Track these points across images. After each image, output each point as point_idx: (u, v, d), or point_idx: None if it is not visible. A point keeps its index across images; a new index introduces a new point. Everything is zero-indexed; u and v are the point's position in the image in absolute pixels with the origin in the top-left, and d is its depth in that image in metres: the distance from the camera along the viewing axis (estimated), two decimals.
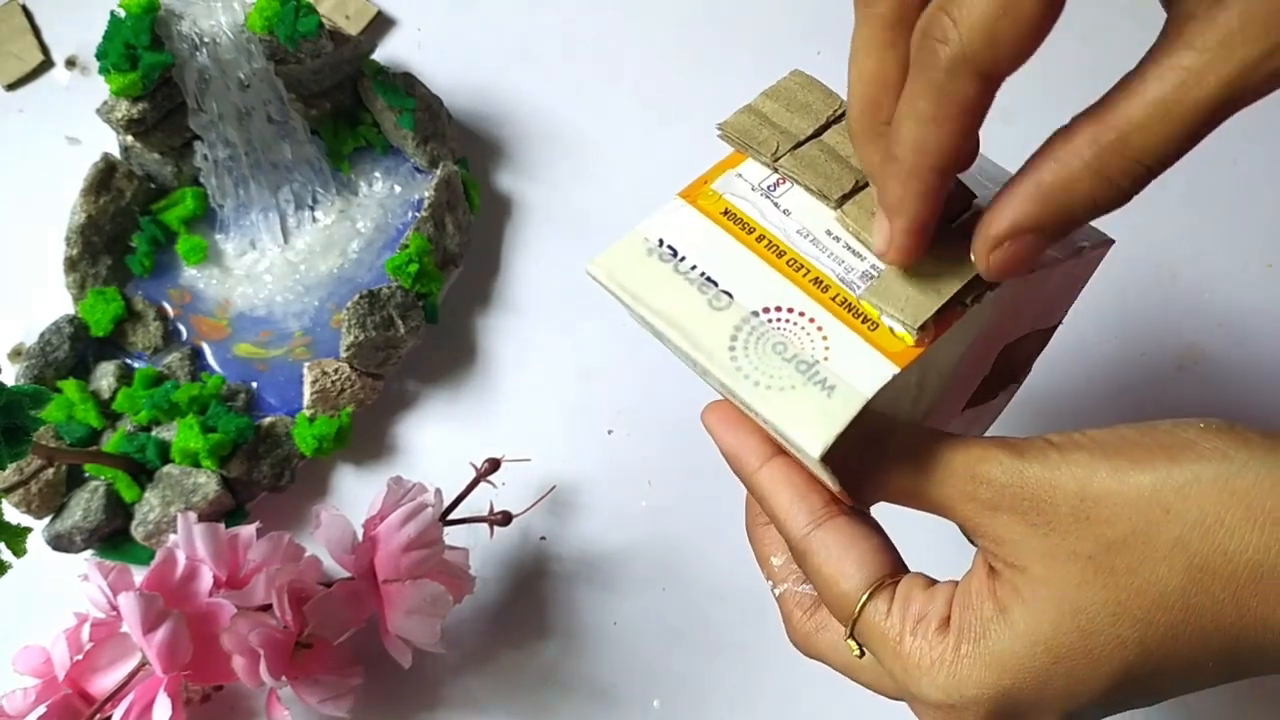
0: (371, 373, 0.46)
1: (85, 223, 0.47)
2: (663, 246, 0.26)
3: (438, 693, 0.42)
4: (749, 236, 0.26)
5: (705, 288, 0.25)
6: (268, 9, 0.44)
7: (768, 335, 0.24)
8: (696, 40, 0.54)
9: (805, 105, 0.27)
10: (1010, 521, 0.23)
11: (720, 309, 0.25)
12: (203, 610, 0.38)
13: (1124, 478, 0.22)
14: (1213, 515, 0.21)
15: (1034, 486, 0.23)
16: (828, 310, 0.25)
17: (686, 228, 0.26)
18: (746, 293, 0.25)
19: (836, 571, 0.26)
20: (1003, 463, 0.23)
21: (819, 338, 0.24)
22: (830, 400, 0.23)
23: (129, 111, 0.45)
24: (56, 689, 0.38)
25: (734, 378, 0.24)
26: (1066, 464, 0.23)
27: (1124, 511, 0.22)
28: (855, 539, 0.26)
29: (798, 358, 0.24)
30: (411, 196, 0.50)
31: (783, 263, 0.25)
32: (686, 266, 0.26)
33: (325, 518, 0.38)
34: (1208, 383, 0.46)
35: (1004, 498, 0.23)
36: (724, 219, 0.26)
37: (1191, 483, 0.21)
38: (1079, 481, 0.22)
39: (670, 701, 0.42)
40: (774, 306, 0.25)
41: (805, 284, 0.25)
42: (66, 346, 0.46)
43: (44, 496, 0.43)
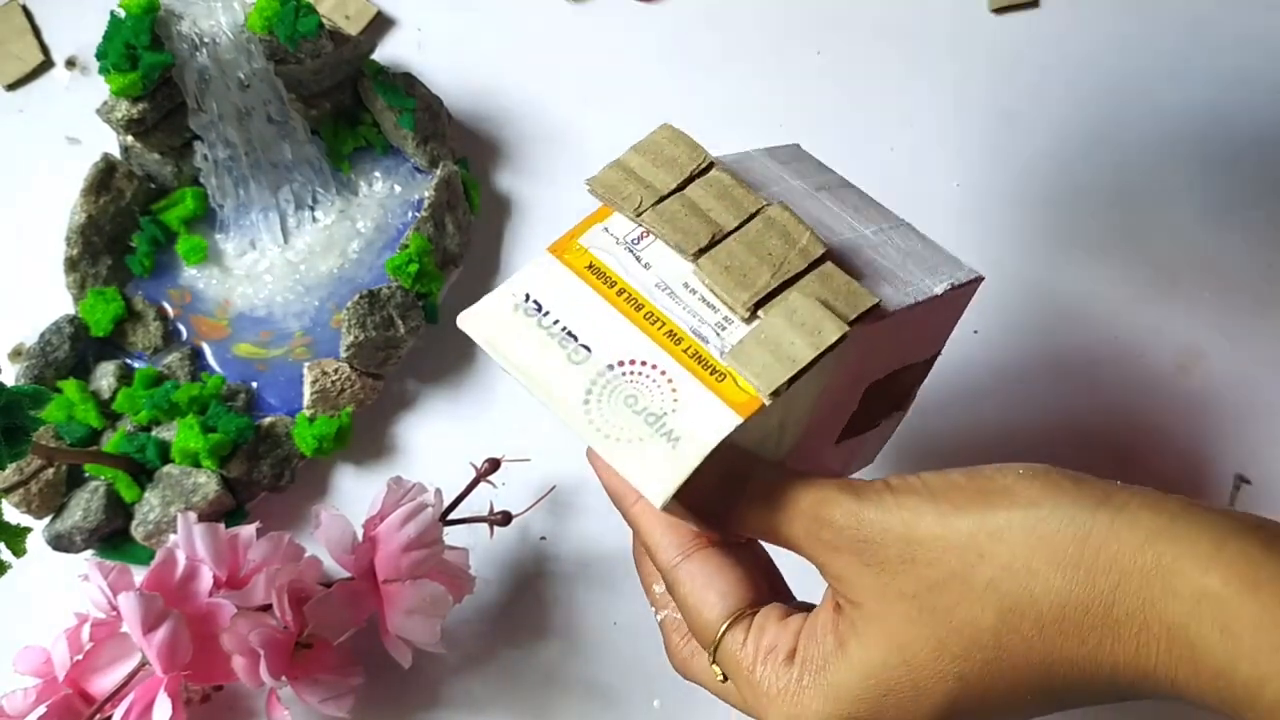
0: (371, 373, 0.46)
1: (85, 223, 0.47)
2: (528, 301, 0.27)
3: (438, 693, 0.42)
4: (610, 290, 0.27)
5: (565, 342, 0.26)
6: (268, 9, 0.44)
7: (620, 389, 0.26)
8: (696, 40, 0.54)
9: (671, 159, 0.28)
10: (848, 561, 0.25)
11: (578, 363, 0.26)
12: (203, 610, 0.38)
13: (946, 521, 0.24)
14: (1021, 560, 0.23)
15: (868, 529, 0.25)
16: (678, 362, 0.26)
17: (553, 282, 0.27)
18: (603, 346, 0.26)
19: (700, 602, 0.28)
20: (843, 505, 0.25)
21: (669, 390, 0.25)
22: (674, 452, 0.25)
23: (129, 111, 0.45)
24: (57, 689, 0.38)
25: (587, 431, 0.25)
26: (898, 508, 0.24)
27: (944, 555, 0.24)
28: (720, 570, 0.28)
29: (647, 410, 0.25)
30: (411, 196, 0.50)
31: (640, 316, 0.27)
32: (549, 321, 0.27)
33: (325, 518, 0.38)
34: (1207, 383, 0.46)
35: (843, 539, 0.25)
36: (588, 273, 0.27)
37: (1004, 528, 0.23)
38: (906, 524, 0.24)
39: (670, 702, 0.42)
40: (629, 359, 0.26)
41: (659, 336, 0.26)
42: (66, 346, 0.46)
43: (44, 496, 0.43)
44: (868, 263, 0.28)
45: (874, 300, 0.26)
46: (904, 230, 0.31)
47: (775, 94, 0.52)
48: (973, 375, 0.46)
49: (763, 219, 0.27)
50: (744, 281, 0.26)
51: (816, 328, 0.25)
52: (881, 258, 0.29)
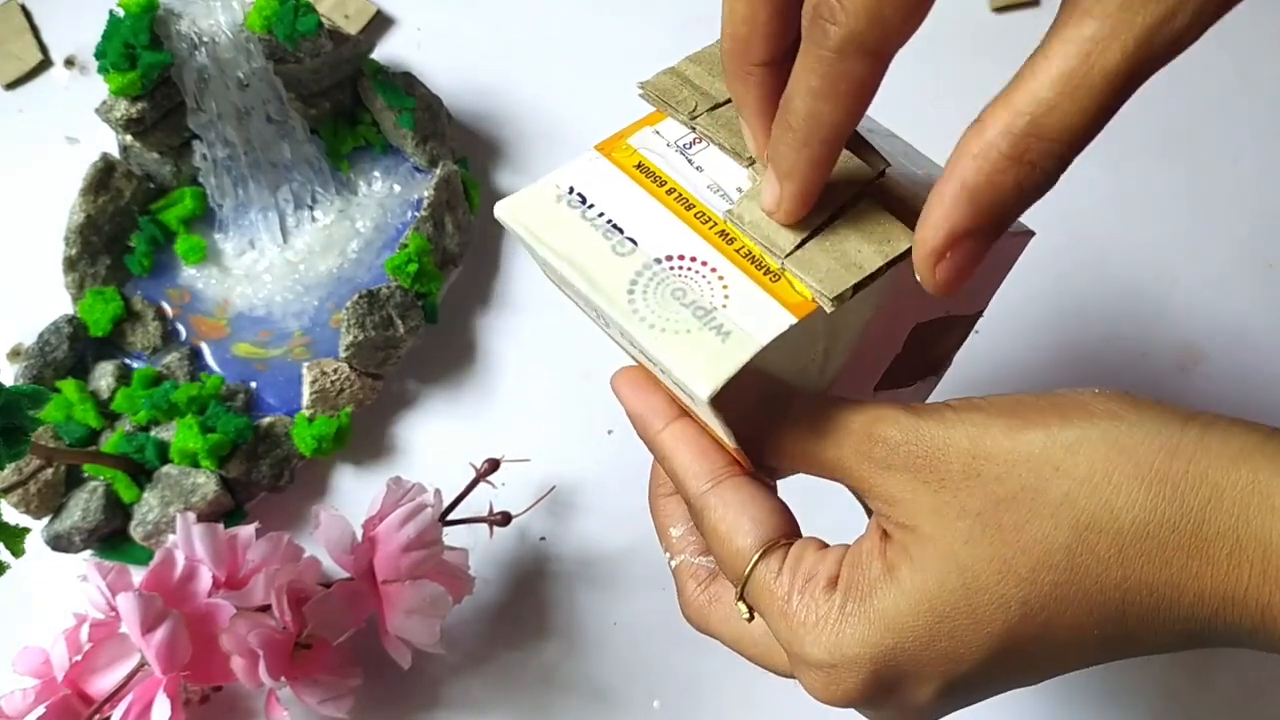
0: (371, 373, 0.46)
1: (84, 222, 0.47)
2: (572, 194, 0.26)
3: (437, 693, 0.42)
4: (659, 189, 0.26)
5: (610, 234, 0.25)
6: (267, 8, 0.44)
7: (668, 281, 0.24)
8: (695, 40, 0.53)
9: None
10: (903, 480, 0.23)
11: (623, 255, 0.25)
12: (202, 611, 0.38)
13: (1016, 436, 0.22)
14: (1101, 472, 0.21)
15: (928, 443, 0.23)
16: (730, 261, 0.24)
17: (598, 178, 0.26)
18: (651, 241, 0.25)
19: (732, 528, 0.25)
20: (899, 422, 0.23)
21: (719, 286, 0.24)
22: (724, 345, 0.23)
23: (128, 111, 0.45)
24: (55, 690, 0.38)
25: (630, 320, 0.24)
26: (961, 423, 0.23)
27: (1014, 468, 0.22)
28: (753, 498, 0.26)
29: (696, 304, 0.24)
30: (411, 196, 0.50)
31: (690, 215, 0.25)
32: (594, 214, 0.26)
33: (324, 518, 0.38)
34: (1209, 383, 0.46)
35: (898, 455, 0.23)
36: (637, 172, 0.26)
37: (1081, 440, 0.21)
38: (972, 439, 0.22)
39: (670, 702, 0.42)
40: (677, 255, 0.25)
41: (710, 235, 0.25)
42: (65, 346, 0.46)
43: (43, 497, 0.43)
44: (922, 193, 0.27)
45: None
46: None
47: None
48: (974, 376, 0.46)
49: None
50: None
51: (886, 236, 0.24)
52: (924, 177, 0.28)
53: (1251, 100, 0.51)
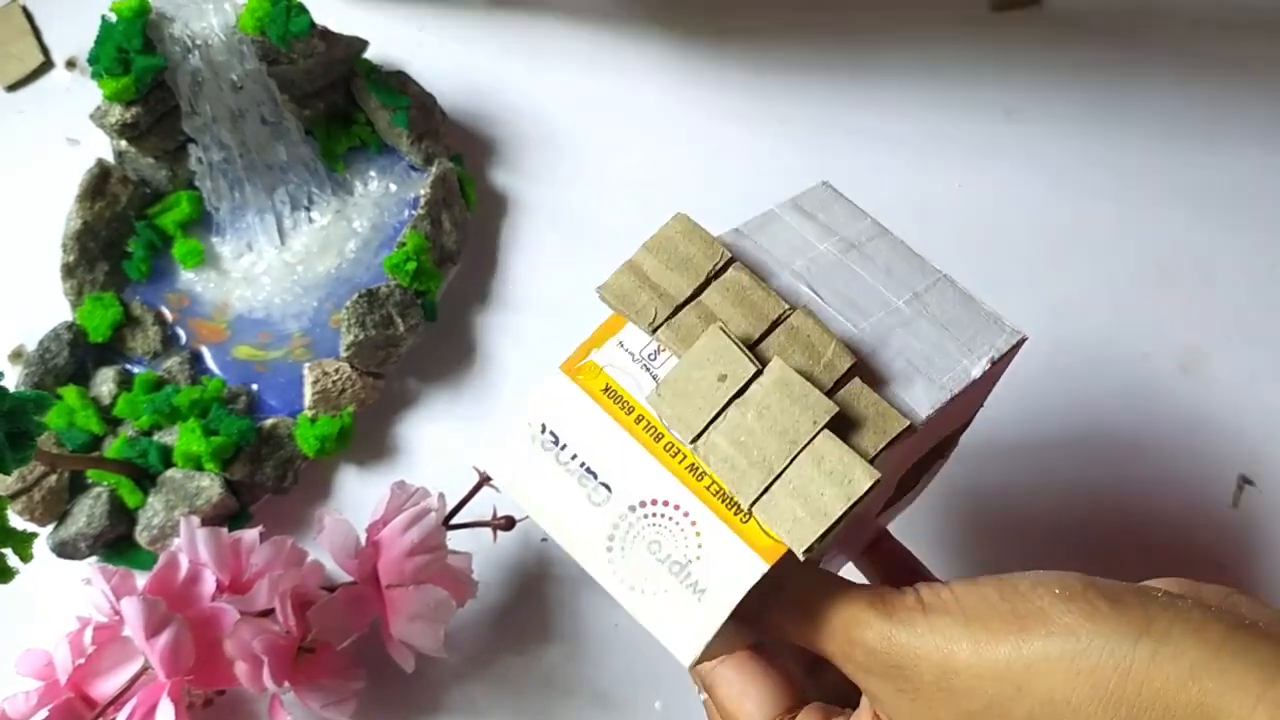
0: (372, 372, 0.46)
1: (81, 229, 0.47)
2: (545, 433, 0.26)
3: (440, 697, 0.43)
4: (628, 418, 0.26)
5: (585, 480, 0.26)
6: (259, 9, 0.44)
7: (643, 534, 0.25)
8: (694, 40, 0.53)
9: (686, 259, 0.27)
10: (882, 684, 0.25)
11: (599, 504, 0.25)
12: (205, 615, 0.38)
13: (981, 650, 0.23)
14: (1060, 694, 0.22)
15: (900, 654, 0.24)
16: (702, 501, 0.25)
17: (569, 409, 0.26)
18: (624, 485, 0.25)
19: (736, 709, 0.28)
20: (874, 627, 0.25)
21: (693, 534, 0.25)
22: (700, 606, 0.24)
23: (122, 116, 0.45)
24: (59, 692, 0.38)
25: (611, 583, 0.25)
26: (931, 632, 0.24)
27: (981, 684, 0.23)
28: (754, 677, 0.28)
29: (671, 558, 0.24)
30: (407, 195, 0.49)
31: (660, 447, 0.25)
32: (567, 456, 0.26)
33: (328, 522, 0.38)
34: (1210, 384, 0.45)
35: (875, 662, 0.25)
36: (604, 396, 0.26)
37: (1040, 659, 0.23)
38: (941, 654, 0.24)
39: (672, 704, 0.42)
40: (650, 500, 0.25)
41: (680, 471, 0.25)
42: (66, 353, 0.46)
43: (47, 504, 0.43)
44: (900, 352, 0.27)
45: (904, 424, 0.25)
46: (940, 289, 0.29)
47: (775, 94, 0.51)
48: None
49: (785, 328, 0.26)
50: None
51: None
52: (916, 339, 0.27)
53: (1252, 100, 0.50)
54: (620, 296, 0.27)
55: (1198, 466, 0.44)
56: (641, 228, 0.49)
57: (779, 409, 0.25)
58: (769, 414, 0.25)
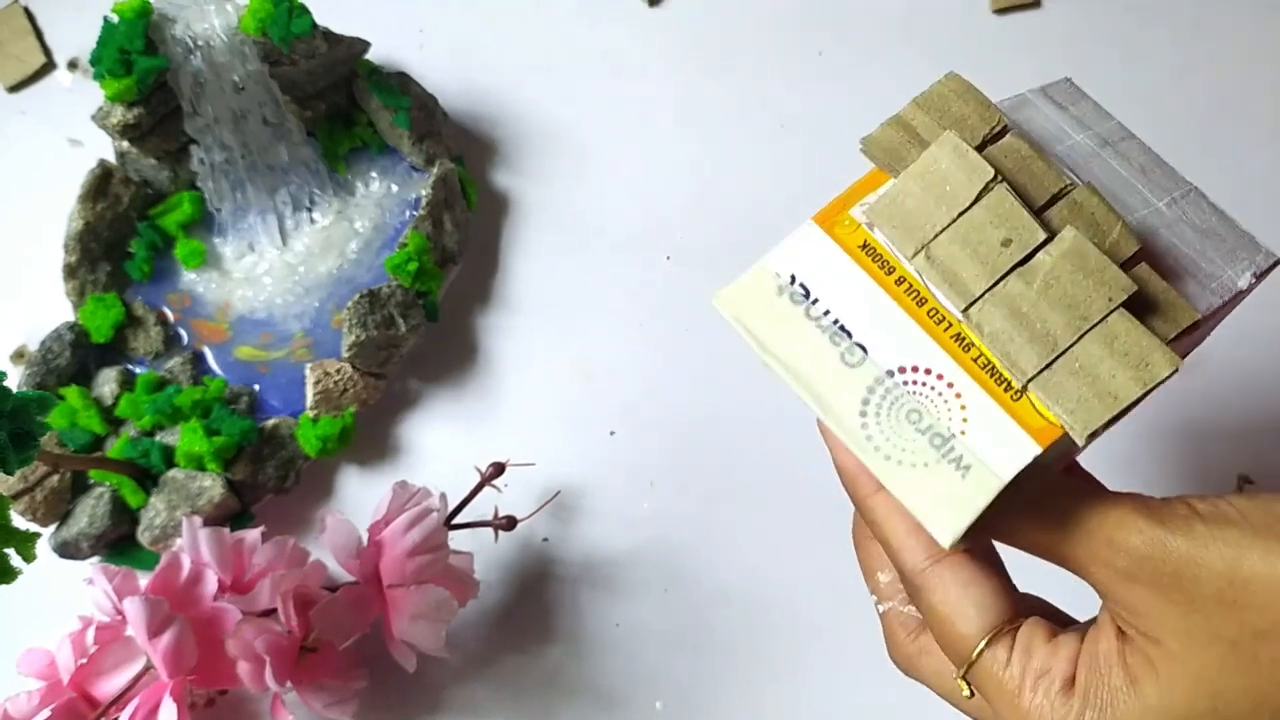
0: (374, 372, 0.46)
1: (83, 229, 0.47)
2: (794, 285, 0.24)
3: (441, 697, 0.43)
4: (889, 278, 0.24)
5: (838, 338, 0.24)
6: (261, 10, 0.44)
7: (902, 401, 0.23)
8: (695, 41, 0.53)
9: (960, 120, 0.25)
10: (1147, 594, 0.22)
11: (853, 365, 0.23)
12: (208, 615, 0.38)
13: (1276, 563, 0.21)
14: None
15: (1176, 561, 0.22)
16: (968, 373, 0.23)
17: (821, 262, 0.24)
18: (882, 348, 0.23)
19: (954, 612, 0.25)
20: (1143, 531, 0.22)
21: (957, 406, 0.23)
22: (964, 482, 0.22)
23: (124, 117, 0.45)
24: (61, 692, 0.38)
25: (864, 449, 0.23)
26: (1214, 541, 0.22)
27: (1274, 599, 0.21)
28: (974, 579, 0.25)
29: (933, 429, 0.23)
30: (409, 195, 0.49)
31: (923, 312, 0.24)
32: (819, 311, 0.24)
33: (330, 522, 0.38)
34: (1210, 384, 0.45)
35: (1143, 569, 0.22)
36: (862, 254, 0.24)
37: None
38: (1227, 562, 0.21)
39: (672, 704, 0.42)
40: (910, 366, 0.23)
41: (946, 340, 0.23)
42: (68, 354, 0.46)
43: (49, 504, 0.44)
44: (1168, 251, 0.25)
45: (1195, 315, 0.23)
46: (1194, 198, 0.27)
47: (775, 94, 0.52)
48: None
49: (1067, 203, 0.24)
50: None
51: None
52: (1180, 242, 0.25)
53: (1252, 100, 0.50)
54: (887, 150, 0.25)
55: (1197, 466, 0.44)
56: (642, 228, 0.50)
57: (1069, 281, 0.22)
58: (1057, 286, 0.22)
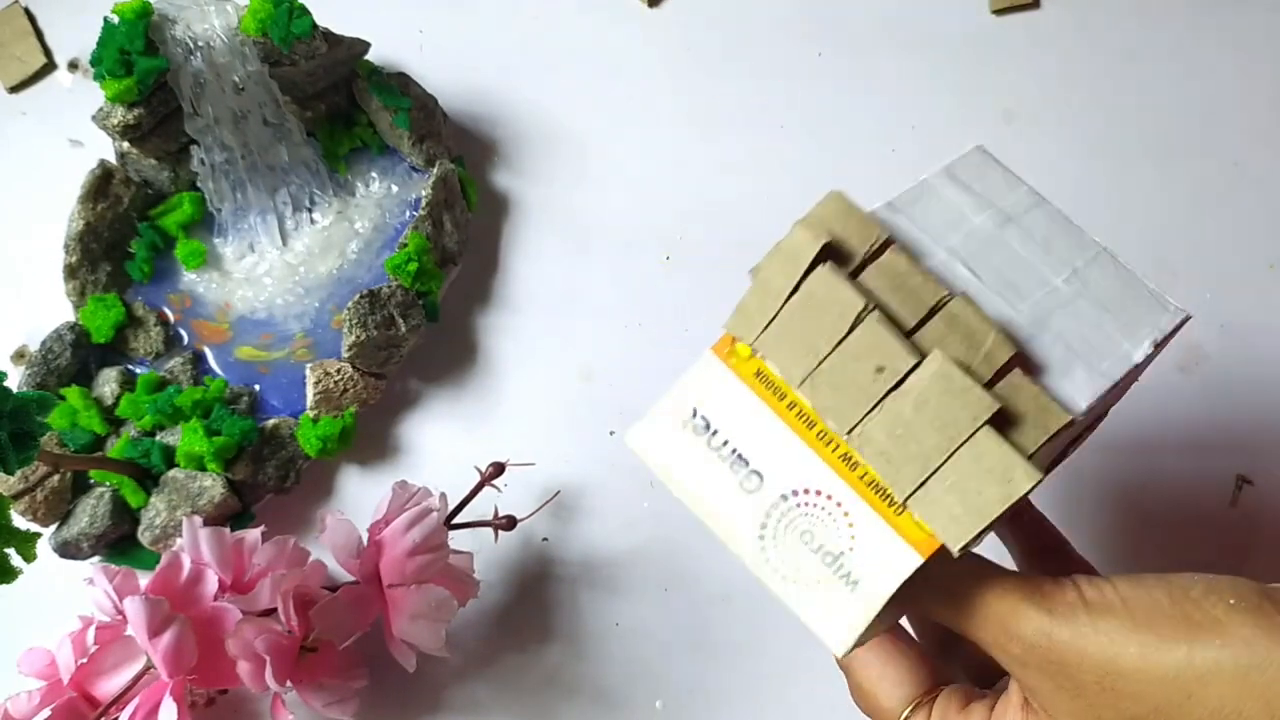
0: (374, 372, 0.46)
1: (83, 230, 0.47)
2: (696, 418, 0.26)
3: (441, 696, 0.43)
4: (781, 403, 0.25)
5: (737, 467, 0.25)
6: (261, 11, 0.44)
7: (796, 523, 0.25)
8: (696, 41, 0.53)
9: (842, 240, 0.26)
10: (1039, 678, 0.24)
11: (750, 491, 0.25)
12: (208, 614, 0.38)
13: (1150, 656, 0.23)
14: (1231, 705, 0.22)
15: (1061, 652, 0.23)
16: (855, 491, 0.24)
17: (721, 393, 0.26)
18: (776, 473, 0.25)
19: (875, 689, 0.28)
20: (1032, 621, 0.24)
21: (845, 524, 0.24)
22: (852, 597, 0.24)
23: (125, 117, 0.45)
24: (61, 692, 0.38)
25: (763, 571, 0.25)
26: (1095, 632, 0.23)
27: (1148, 689, 0.23)
28: (893, 657, 0.28)
29: (823, 548, 0.24)
30: (409, 196, 0.50)
31: (813, 435, 0.25)
32: (719, 442, 0.26)
33: (330, 522, 0.39)
34: (1209, 384, 0.45)
35: (1033, 656, 0.24)
36: (756, 381, 0.26)
37: (1213, 671, 0.22)
38: (1106, 654, 0.23)
39: (673, 703, 0.43)
40: (802, 489, 0.25)
41: (834, 460, 0.25)
42: (68, 354, 0.46)
43: (50, 504, 0.44)
44: (1059, 336, 0.26)
45: (1065, 419, 0.24)
46: (1099, 264, 0.28)
47: (776, 95, 0.52)
48: None
49: (944, 316, 0.25)
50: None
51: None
52: (1075, 321, 0.26)
53: (1252, 100, 0.50)
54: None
55: (1196, 466, 0.44)
56: (642, 229, 0.50)
57: (938, 403, 0.24)
58: (927, 408, 0.24)
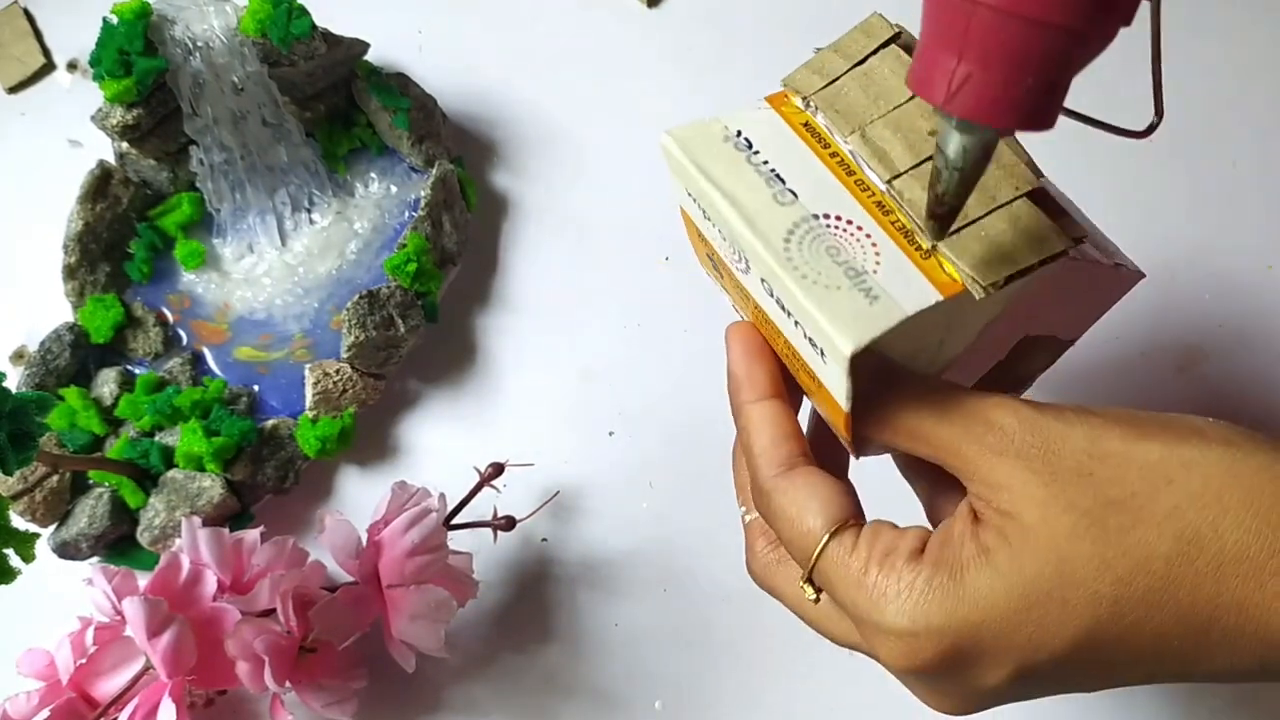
0: (373, 373, 0.46)
1: (82, 230, 0.47)
2: (739, 137, 0.26)
3: (440, 697, 0.43)
4: (824, 151, 0.26)
5: (773, 182, 0.26)
6: (260, 11, 0.44)
7: (823, 238, 0.25)
8: (694, 41, 0.53)
9: (899, 35, 0.27)
10: (1013, 468, 0.23)
11: (783, 204, 0.25)
12: (207, 615, 0.38)
13: (1133, 444, 0.23)
14: (1213, 491, 0.22)
15: (1045, 436, 0.23)
16: (885, 231, 0.25)
17: (766, 128, 0.27)
18: (811, 197, 0.25)
19: (801, 509, 0.26)
20: (1018, 411, 0.24)
21: (872, 252, 0.25)
22: (872, 307, 0.24)
23: (124, 118, 0.45)
24: (60, 692, 0.38)
25: (783, 265, 0.24)
26: (1081, 422, 0.23)
27: (1128, 473, 0.22)
28: (820, 483, 0.26)
29: (849, 264, 0.24)
30: (408, 196, 0.50)
31: (851, 180, 0.26)
32: (759, 160, 0.26)
33: (330, 523, 0.39)
34: (1208, 384, 0.45)
35: (1012, 443, 0.23)
36: (803, 130, 0.27)
37: (1197, 460, 0.22)
38: (1090, 439, 0.23)
39: (672, 703, 0.43)
40: (834, 215, 0.25)
41: (868, 203, 0.25)
42: (67, 354, 0.46)
43: (49, 504, 0.44)
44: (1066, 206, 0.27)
45: (1084, 230, 0.25)
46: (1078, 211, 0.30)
47: None
48: None
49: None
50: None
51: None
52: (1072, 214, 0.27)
53: (1251, 100, 0.50)
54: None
55: None
56: (642, 229, 0.50)
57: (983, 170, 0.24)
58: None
